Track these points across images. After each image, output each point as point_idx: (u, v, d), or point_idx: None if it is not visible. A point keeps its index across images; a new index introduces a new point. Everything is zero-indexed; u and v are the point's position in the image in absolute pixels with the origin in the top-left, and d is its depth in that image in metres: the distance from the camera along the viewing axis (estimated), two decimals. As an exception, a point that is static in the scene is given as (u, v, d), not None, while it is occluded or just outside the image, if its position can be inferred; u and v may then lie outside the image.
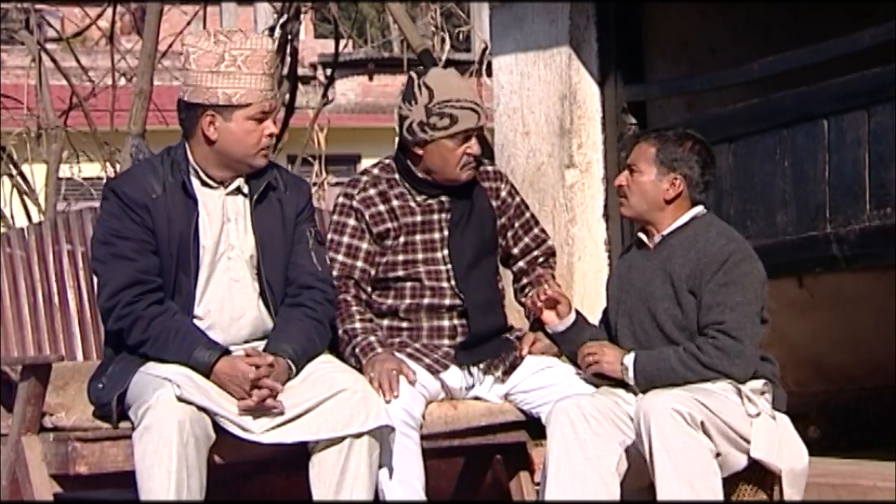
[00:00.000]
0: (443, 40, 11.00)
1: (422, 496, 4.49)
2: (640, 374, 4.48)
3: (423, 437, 4.57)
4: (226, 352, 4.31)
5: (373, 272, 4.75)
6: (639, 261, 4.68)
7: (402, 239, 4.75)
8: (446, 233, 4.76)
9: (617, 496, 4.41)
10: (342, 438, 4.28)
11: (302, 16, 9.43)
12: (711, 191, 4.75)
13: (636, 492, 4.46)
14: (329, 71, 11.62)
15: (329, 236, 4.78)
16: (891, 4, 5.24)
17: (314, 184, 11.72)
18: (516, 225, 4.93)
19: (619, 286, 4.70)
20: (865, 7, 5.83)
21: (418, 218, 4.76)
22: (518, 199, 4.95)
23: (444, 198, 4.79)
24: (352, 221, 4.76)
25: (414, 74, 4.79)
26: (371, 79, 21.91)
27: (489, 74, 7.17)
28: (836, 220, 5.21)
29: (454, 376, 4.73)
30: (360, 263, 4.74)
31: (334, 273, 4.69)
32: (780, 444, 4.46)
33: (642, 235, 4.69)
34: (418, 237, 4.76)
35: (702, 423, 4.30)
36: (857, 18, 5.50)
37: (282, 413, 4.27)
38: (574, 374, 4.72)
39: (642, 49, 6.25)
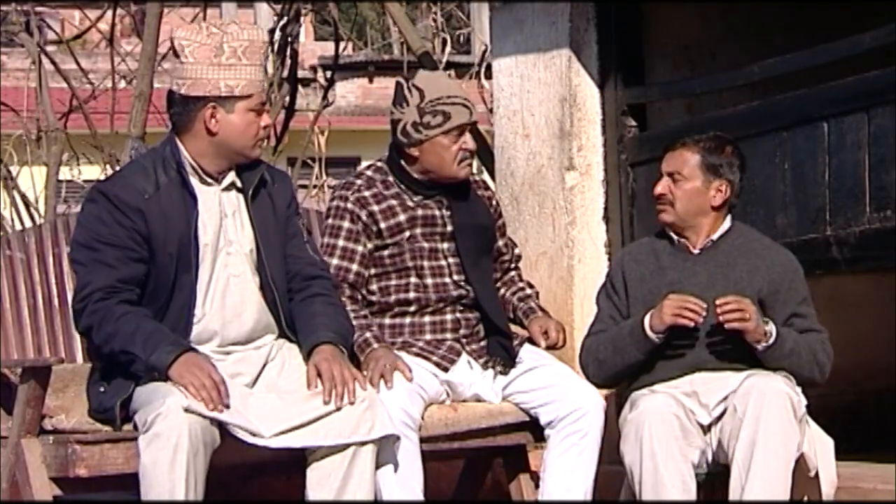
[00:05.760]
0: (443, 42, 10.99)
1: (420, 497, 4.49)
2: (777, 348, 4.50)
3: (423, 440, 4.57)
4: (189, 349, 4.26)
5: (367, 274, 4.76)
6: (679, 264, 4.67)
7: (400, 236, 4.76)
8: (449, 227, 4.79)
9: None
10: (346, 445, 4.28)
11: (302, 18, 9.41)
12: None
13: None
14: (329, 73, 11.63)
15: (324, 240, 4.79)
16: (891, 6, 5.24)
17: (314, 186, 11.72)
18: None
19: (651, 289, 4.68)
20: (865, 9, 5.82)
21: (419, 212, 4.78)
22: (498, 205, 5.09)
23: (441, 197, 4.81)
24: (346, 224, 4.76)
25: (402, 79, 4.86)
26: (371, 81, 21.93)
27: (489, 76, 7.16)
28: (836, 223, 5.20)
29: (461, 370, 4.74)
30: (355, 266, 4.75)
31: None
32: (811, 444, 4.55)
33: (682, 240, 4.69)
34: (419, 231, 4.77)
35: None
36: (858, 20, 5.49)
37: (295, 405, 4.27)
38: (570, 372, 4.76)
39: (642, 51, 6.23)
